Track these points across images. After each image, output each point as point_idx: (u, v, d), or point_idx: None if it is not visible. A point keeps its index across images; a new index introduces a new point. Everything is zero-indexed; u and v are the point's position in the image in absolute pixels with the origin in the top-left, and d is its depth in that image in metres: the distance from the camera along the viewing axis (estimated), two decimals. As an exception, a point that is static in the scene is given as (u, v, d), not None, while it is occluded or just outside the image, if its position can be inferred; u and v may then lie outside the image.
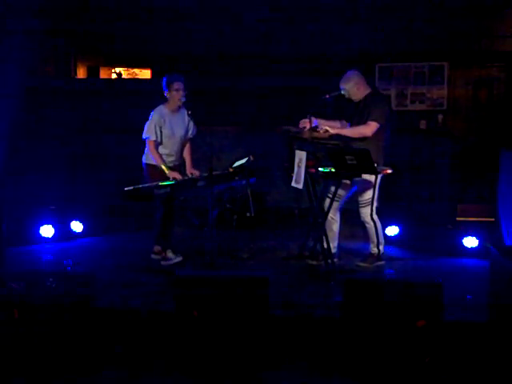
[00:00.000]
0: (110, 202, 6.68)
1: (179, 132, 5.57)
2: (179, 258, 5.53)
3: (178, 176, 5.39)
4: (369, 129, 5.22)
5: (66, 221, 6.64)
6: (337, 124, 5.56)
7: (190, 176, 5.60)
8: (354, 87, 5.32)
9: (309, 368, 3.72)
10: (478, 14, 8.25)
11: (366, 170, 4.96)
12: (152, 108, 5.53)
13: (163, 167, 5.40)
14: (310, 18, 8.43)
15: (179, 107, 5.55)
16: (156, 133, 5.43)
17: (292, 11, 8.43)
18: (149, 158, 5.54)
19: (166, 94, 5.50)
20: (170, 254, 5.53)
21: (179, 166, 5.66)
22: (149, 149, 5.46)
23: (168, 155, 5.56)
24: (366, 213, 5.39)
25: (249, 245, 6.25)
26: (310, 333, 3.97)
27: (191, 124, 5.62)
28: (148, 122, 5.47)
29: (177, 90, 5.43)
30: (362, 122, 5.31)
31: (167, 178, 5.35)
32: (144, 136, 5.49)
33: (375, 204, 5.33)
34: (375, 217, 5.38)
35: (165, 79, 5.49)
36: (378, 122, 5.22)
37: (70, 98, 7.86)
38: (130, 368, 3.74)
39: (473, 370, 3.58)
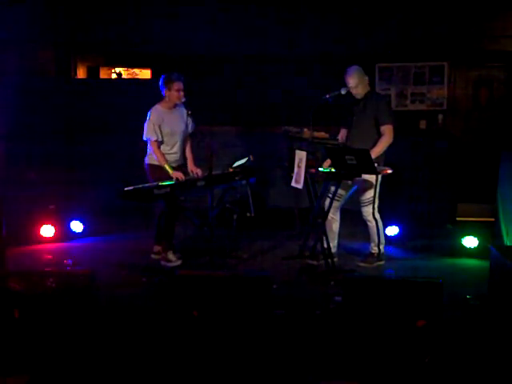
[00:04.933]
0: (110, 202, 6.67)
1: (179, 128, 5.57)
2: (179, 262, 5.52)
3: (181, 176, 5.38)
4: (388, 136, 5.26)
5: (65, 221, 6.64)
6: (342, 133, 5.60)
7: (192, 174, 5.60)
8: (359, 83, 5.32)
9: (308, 368, 3.72)
10: (478, 14, 8.26)
11: (365, 169, 4.96)
12: (151, 108, 5.53)
13: (167, 167, 5.40)
14: (310, 17, 8.44)
15: (176, 104, 5.54)
16: (156, 133, 5.42)
17: (292, 11, 8.43)
18: (151, 158, 5.54)
19: (164, 92, 5.49)
20: (170, 256, 5.52)
21: (182, 166, 5.65)
22: (152, 149, 5.45)
23: (171, 154, 5.54)
24: (367, 211, 5.41)
25: (249, 245, 6.26)
26: (309, 332, 3.96)
27: (190, 119, 5.62)
28: (147, 123, 5.47)
29: (177, 90, 5.43)
30: (363, 122, 5.32)
31: (170, 178, 5.36)
32: (145, 137, 5.48)
33: (377, 203, 5.34)
34: (377, 215, 5.39)
35: (163, 78, 5.48)
36: (392, 124, 5.27)
37: (70, 97, 7.86)
38: (129, 368, 3.74)
39: (473, 370, 3.58)
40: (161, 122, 5.45)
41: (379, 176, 5.22)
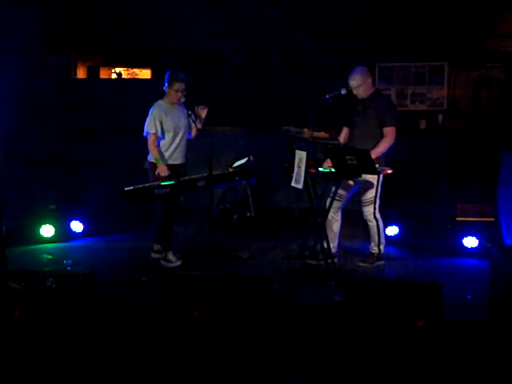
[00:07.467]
0: (110, 202, 6.67)
1: (182, 123, 5.56)
2: (178, 262, 5.51)
3: (166, 171, 5.35)
4: (390, 137, 5.27)
5: (65, 221, 6.64)
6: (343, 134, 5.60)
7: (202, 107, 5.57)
8: (362, 84, 5.31)
9: (308, 368, 3.72)
10: (477, 13, 8.26)
11: (366, 170, 4.96)
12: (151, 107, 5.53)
13: (157, 159, 5.37)
14: (309, 17, 8.43)
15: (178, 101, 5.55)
16: (156, 126, 5.41)
17: (292, 11, 8.43)
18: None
19: (165, 88, 5.49)
20: (170, 256, 5.52)
21: (182, 166, 5.64)
22: (148, 142, 5.44)
23: (171, 151, 5.52)
24: (368, 211, 5.40)
25: (249, 245, 6.26)
26: (309, 332, 3.97)
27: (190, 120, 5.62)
28: (148, 117, 5.46)
29: (176, 90, 5.43)
30: (366, 122, 5.31)
31: (170, 178, 5.35)
32: (145, 132, 5.48)
33: (378, 202, 5.34)
34: (378, 215, 5.38)
35: (168, 73, 5.46)
36: (395, 125, 5.27)
37: (70, 97, 7.86)
38: (129, 368, 3.75)
39: (473, 370, 3.58)
40: (162, 117, 5.45)
41: (380, 176, 5.22)
